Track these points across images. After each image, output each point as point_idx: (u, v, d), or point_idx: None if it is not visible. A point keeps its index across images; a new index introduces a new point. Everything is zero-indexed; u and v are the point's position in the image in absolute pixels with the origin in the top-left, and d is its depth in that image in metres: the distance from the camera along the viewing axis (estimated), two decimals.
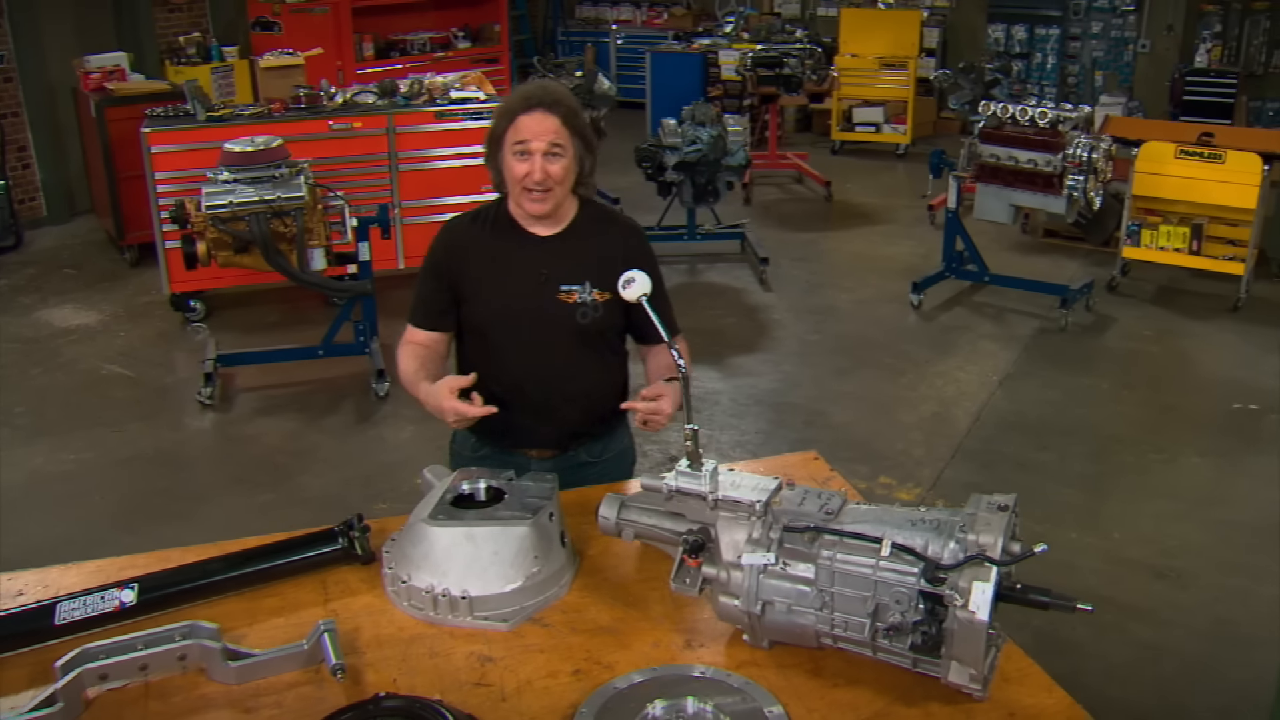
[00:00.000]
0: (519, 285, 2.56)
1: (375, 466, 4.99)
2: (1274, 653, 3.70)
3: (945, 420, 5.57)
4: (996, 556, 1.71)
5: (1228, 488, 4.85)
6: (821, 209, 9.67)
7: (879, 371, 6.13)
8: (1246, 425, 5.49)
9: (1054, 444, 5.28)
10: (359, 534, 2.18)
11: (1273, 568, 4.20)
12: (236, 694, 1.83)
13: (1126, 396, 5.91)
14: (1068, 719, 1.79)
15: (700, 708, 1.76)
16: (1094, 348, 6.58)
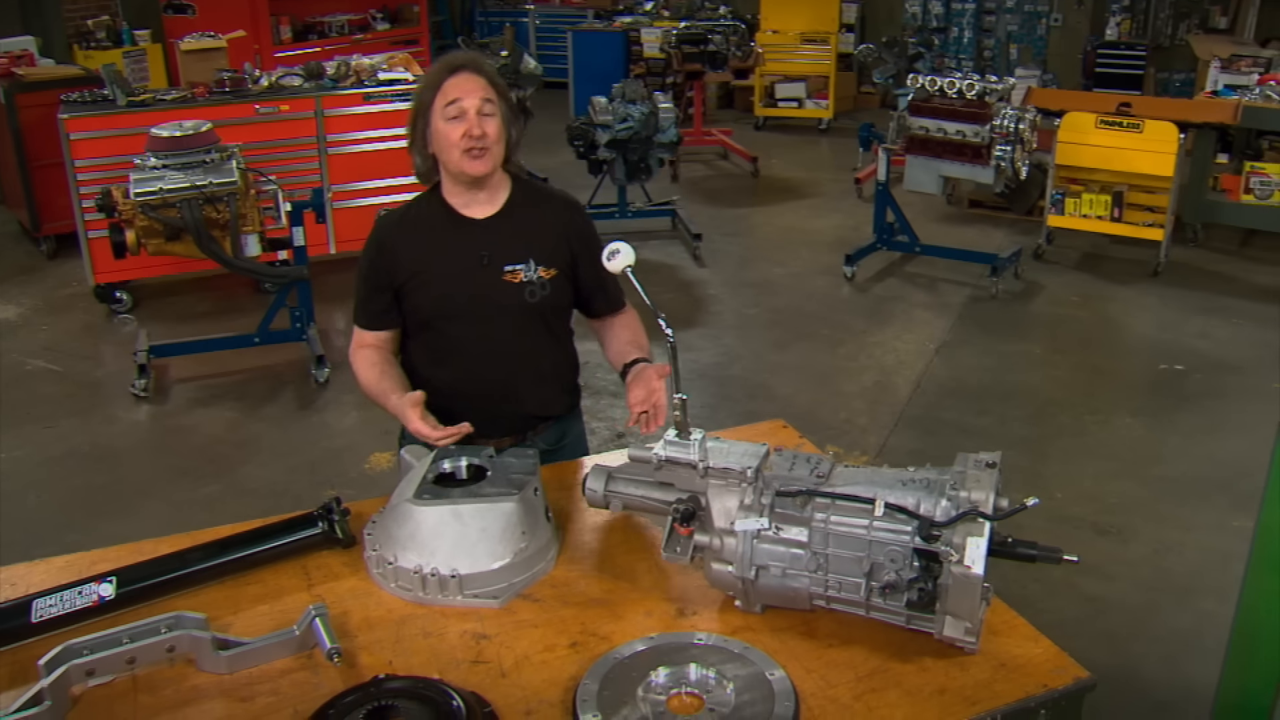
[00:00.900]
0: (459, 271, 2.49)
1: (320, 453, 4.91)
2: (1211, 600, 3.85)
3: (886, 389, 5.66)
4: (989, 512, 1.74)
5: (1160, 445, 5.01)
6: (749, 184, 9.74)
7: (818, 343, 6.20)
8: (1174, 385, 5.67)
9: (993, 409, 5.40)
10: (339, 517, 2.15)
11: (1206, 519, 4.36)
12: (229, 683, 1.80)
13: (1059, 360, 6.06)
14: (1055, 666, 1.84)
15: (703, 674, 1.77)
16: (1024, 314, 6.73)
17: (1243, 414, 5.26)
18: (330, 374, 5.58)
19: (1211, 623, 3.72)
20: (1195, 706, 3.28)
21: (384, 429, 5.09)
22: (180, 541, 2.17)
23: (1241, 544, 4.17)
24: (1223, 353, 5.99)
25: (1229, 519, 4.34)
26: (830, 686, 1.78)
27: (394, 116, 6.76)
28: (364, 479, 4.60)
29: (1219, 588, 3.92)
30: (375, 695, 1.66)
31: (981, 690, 1.77)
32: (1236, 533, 4.24)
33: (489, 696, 1.73)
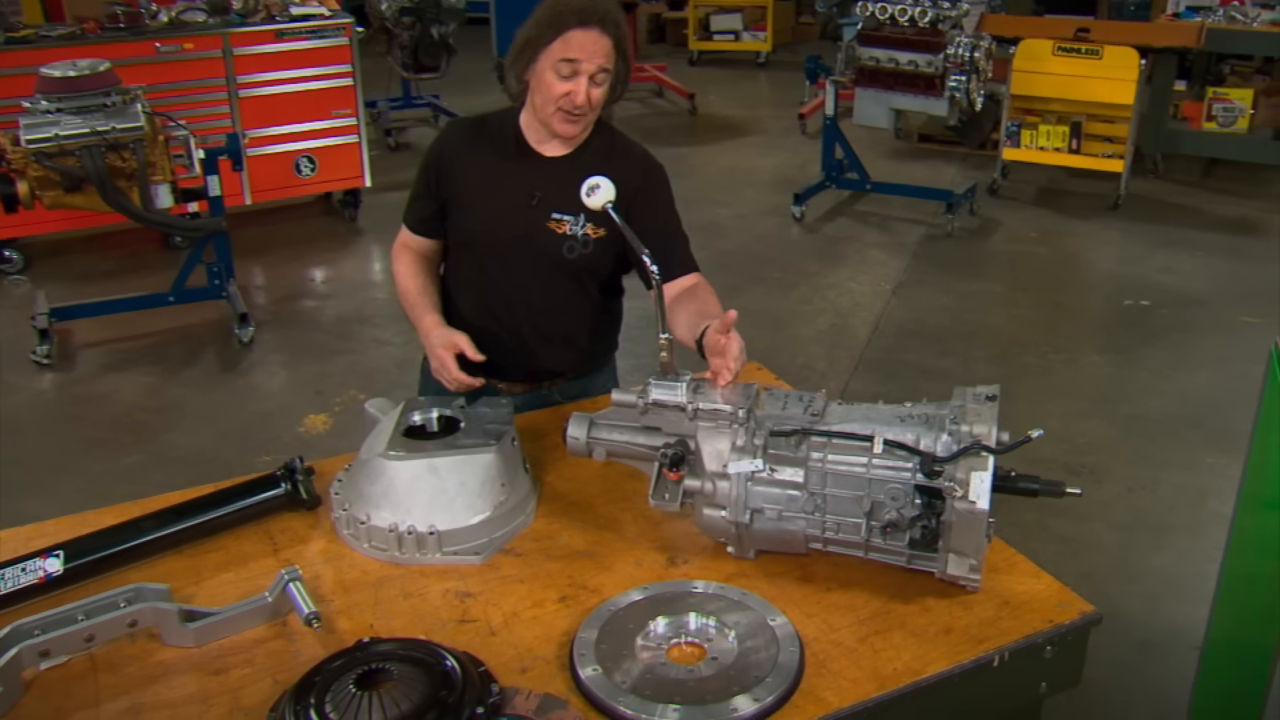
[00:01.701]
0: (508, 205, 2.48)
1: (250, 418, 4.86)
2: (1187, 538, 4.00)
3: (844, 331, 5.75)
4: (992, 445, 1.80)
5: (1128, 383, 5.16)
6: (686, 122, 9.74)
7: (770, 286, 6.26)
8: (1139, 321, 5.83)
9: (955, 349, 5.51)
10: (302, 477, 2.14)
11: (1177, 456, 4.52)
12: (198, 657, 1.79)
13: (1020, 299, 6.20)
14: (1059, 602, 1.91)
15: (703, 623, 1.81)
16: (982, 251, 6.86)
17: (1210, 348, 5.44)
18: (255, 333, 5.51)
19: (1189, 560, 3.88)
20: (1179, 644, 3.42)
21: (316, 389, 5.06)
22: (128, 511, 2.14)
23: (1215, 480, 4.35)
24: (1187, 286, 6.18)
25: (1201, 455, 4.50)
26: (833, 630, 1.83)
27: (310, 56, 6.64)
28: (299, 443, 4.57)
29: (1194, 525, 4.08)
30: (363, 659, 1.67)
31: (987, 628, 1.84)
32: (1209, 469, 4.40)
33: (480, 656, 1.75)
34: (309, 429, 4.75)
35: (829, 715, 1.65)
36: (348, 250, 6.96)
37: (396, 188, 7.62)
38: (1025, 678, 1.86)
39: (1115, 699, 3.23)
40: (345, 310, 5.98)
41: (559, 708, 1.64)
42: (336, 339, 5.62)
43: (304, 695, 1.61)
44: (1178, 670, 3.32)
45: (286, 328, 5.78)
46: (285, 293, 6.26)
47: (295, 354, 5.47)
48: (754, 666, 1.70)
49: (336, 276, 6.54)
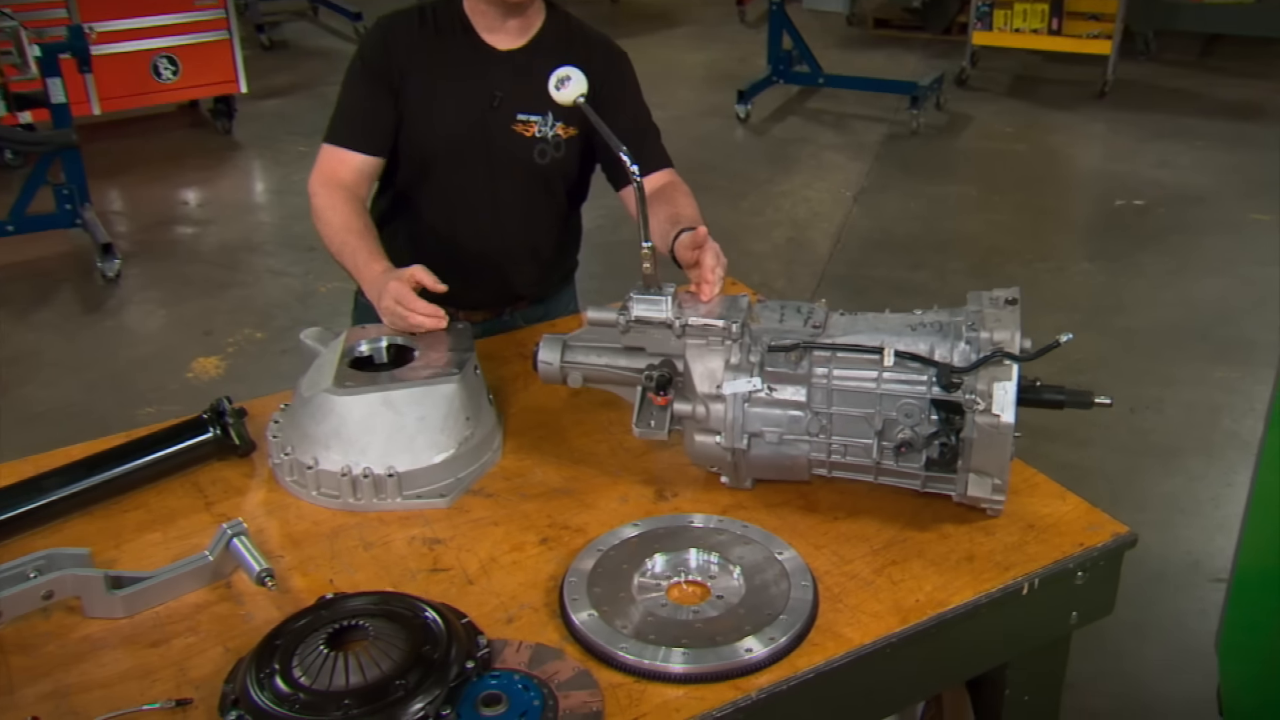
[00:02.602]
0: (466, 110, 2.50)
1: (125, 365, 4.83)
2: (1198, 460, 4.20)
3: (803, 246, 5.86)
4: (1016, 352, 1.89)
5: (1124, 292, 5.35)
6: (608, 13, 9.74)
7: (716, 196, 6.33)
8: (1133, 223, 6.02)
9: (929, 261, 5.65)
10: (233, 419, 2.17)
11: (1184, 372, 4.71)
12: (130, 629, 1.81)
13: (999, 203, 6.35)
14: (1089, 523, 2.03)
15: (705, 559, 1.89)
16: (953, 151, 7.01)
17: (1215, 250, 5.65)
18: (121, 267, 5.45)
19: (1202, 485, 4.07)
20: (1196, 576, 3.61)
21: (204, 329, 5.04)
22: (19, 469, 2.15)
23: (1227, 396, 4.55)
24: (1186, 182, 6.38)
25: (1210, 370, 4.70)
26: (845, 563, 1.93)
27: None
28: (188, 391, 4.56)
29: (1206, 446, 4.28)
30: (331, 617, 1.72)
31: (1013, 554, 1.95)
32: (1220, 384, 4.60)
33: (459, 607, 1.81)
34: (199, 374, 4.74)
35: (851, 652, 1.75)
36: (225, 168, 6.88)
37: (277, 93, 7.55)
38: (1055, 607, 1.98)
39: (1129, 637, 3.40)
40: (229, 237, 5.94)
41: (555, 658, 1.71)
42: (222, 270, 5.59)
43: (267, 660, 1.65)
44: (1197, 604, 3.51)
45: (160, 259, 5.73)
46: (153, 219, 6.19)
47: (174, 289, 5.43)
48: (765, 604, 1.79)
49: (214, 198, 6.47)
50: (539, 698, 1.63)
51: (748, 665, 1.69)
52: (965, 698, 2.13)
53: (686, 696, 1.65)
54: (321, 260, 5.39)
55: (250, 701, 1.58)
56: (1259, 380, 4.68)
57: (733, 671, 1.68)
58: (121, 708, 1.63)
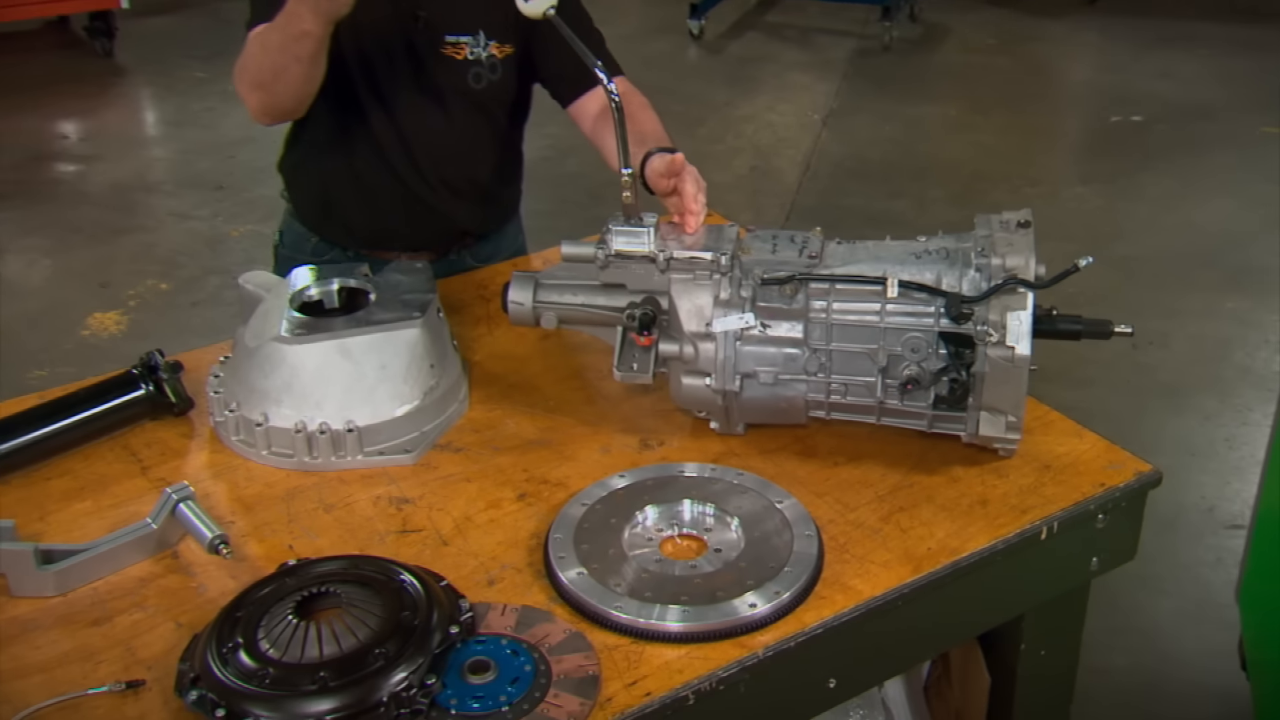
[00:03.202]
0: (385, 28, 2.49)
1: (9, 323, 4.78)
2: (1212, 399, 4.32)
3: (769, 175, 5.92)
4: (1030, 279, 1.96)
5: (1124, 217, 5.45)
6: None
7: (671, 122, 6.22)
8: (1131, 141, 6.12)
9: (907, 189, 5.73)
10: (167, 374, 2.20)
11: (1191, 303, 4.82)
12: (64, 607, 1.82)
13: (981, 123, 6.43)
14: (1109, 462, 2.11)
15: (699, 511, 1.95)
16: (930, 67, 7.08)
17: (1221, 169, 5.76)
18: None
19: (1214, 425, 4.19)
20: (1211, 523, 3.73)
21: (100, 280, 5.02)
22: None
23: (1239, 328, 4.67)
24: (1189, 94, 6.48)
25: (1220, 300, 4.82)
26: (850, 510, 2.00)
27: None
28: (86, 350, 4.55)
29: (1217, 382, 4.40)
30: (297, 584, 1.76)
31: (1030, 496, 2.02)
32: (1231, 315, 4.72)
33: (435, 570, 1.86)
34: (97, 331, 4.73)
35: (860, 605, 1.81)
36: (108, 96, 6.79)
37: (165, 10, 7.45)
38: (1075, 553, 2.06)
39: (1142, 590, 3.52)
40: (120, 176, 5.89)
41: (544, 620, 1.77)
42: (116, 214, 5.54)
43: (229, 633, 1.68)
44: (1212, 553, 3.63)
45: (39, 202, 5.66)
46: (25, 154, 6.10)
47: (60, 236, 5.39)
48: (767, 556, 1.85)
49: (97, 131, 6.39)
50: (530, 663, 1.69)
51: (752, 622, 1.75)
52: (978, 653, 2.22)
53: (688, 656, 1.71)
54: (232, 202, 5.40)
55: (213, 679, 1.61)
56: (1272, 310, 4.81)
57: (736, 629, 1.74)
58: (64, 693, 1.65)
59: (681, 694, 1.66)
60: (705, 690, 1.68)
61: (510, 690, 1.64)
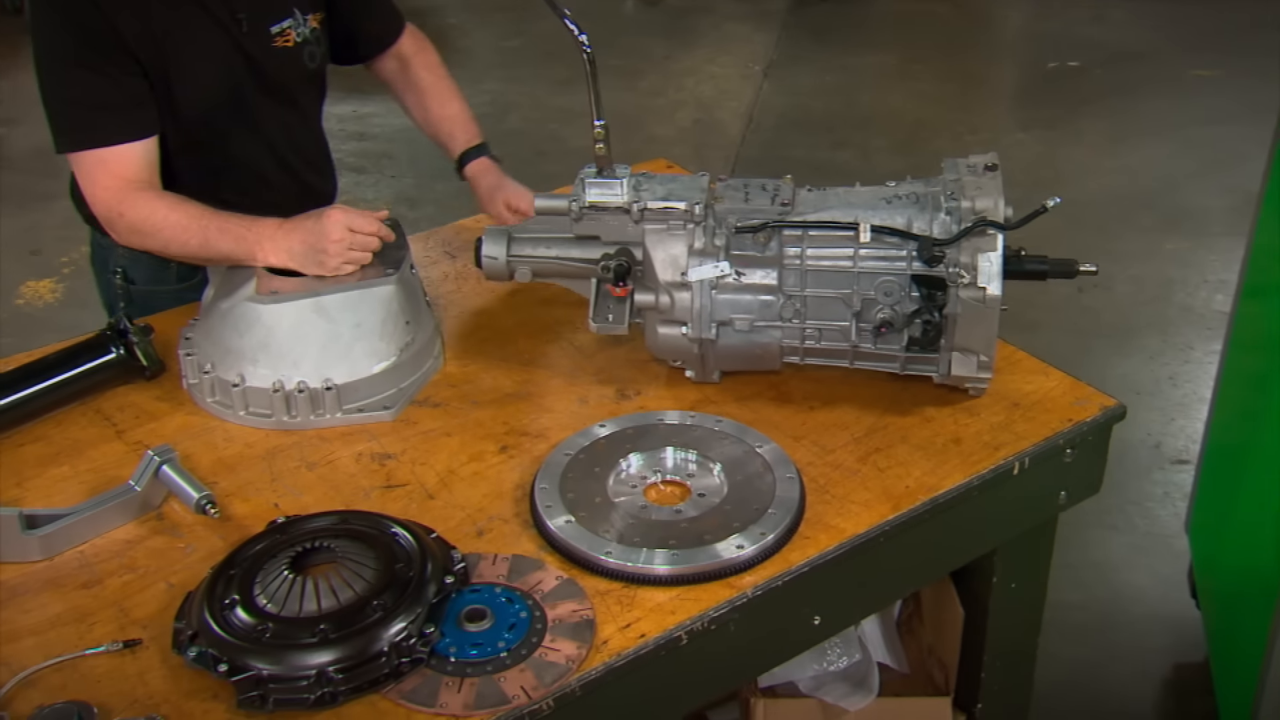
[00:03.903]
0: (214, 44, 2.33)
1: None
2: (1150, 337, 4.41)
3: (712, 128, 5.93)
4: (1000, 221, 2.00)
5: (1063, 162, 5.52)
6: None
7: (610, 77, 6.32)
8: (1068, 87, 6.20)
9: (851, 139, 5.77)
10: (138, 337, 2.19)
11: (1131, 245, 4.91)
12: (51, 571, 1.83)
13: (921, 72, 6.48)
14: (1076, 398, 2.16)
15: (682, 457, 1.98)
16: (867, 15, 7.11)
17: (1157, 112, 5.85)
18: None
19: (1158, 364, 4.28)
20: (1158, 458, 3.82)
21: (30, 248, 4.95)
22: None
23: (1179, 269, 4.76)
24: (1123, 39, 6.56)
25: (1159, 242, 4.90)
26: (827, 453, 2.04)
27: None
28: (22, 320, 4.49)
29: (1159, 322, 4.49)
30: (289, 540, 1.78)
31: (1001, 434, 2.07)
32: (1170, 256, 4.81)
33: (424, 523, 1.88)
34: (32, 300, 4.68)
35: (844, 543, 1.85)
36: (20, 56, 6.60)
37: None
38: (1045, 487, 2.11)
39: (1095, 526, 3.59)
40: (42, 140, 5.75)
41: (535, 568, 1.79)
42: (42, 179, 5.42)
43: (224, 590, 1.70)
44: (1160, 488, 3.72)
45: None
46: None
47: None
48: (751, 499, 1.89)
49: (14, 93, 6.23)
50: (525, 610, 1.72)
51: (739, 563, 1.78)
52: (951, 589, 2.27)
53: (679, 598, 1.74)
54: None
55: (213, 635, 1.63)
56: (1211, 250, 4.90)
57: (725, 570, 1.78)
58: (60, 654, 1.67)
59: (675, 634, 1.70)
60: (697, 630, 1.71)
61: (508, 637, 1.68)
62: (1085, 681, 3.14)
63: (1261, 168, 2.95)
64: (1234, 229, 4.92)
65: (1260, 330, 2.96)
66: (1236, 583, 2.93)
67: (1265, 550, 2.68)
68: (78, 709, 1.53)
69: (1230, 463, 3.08)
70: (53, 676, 1.63)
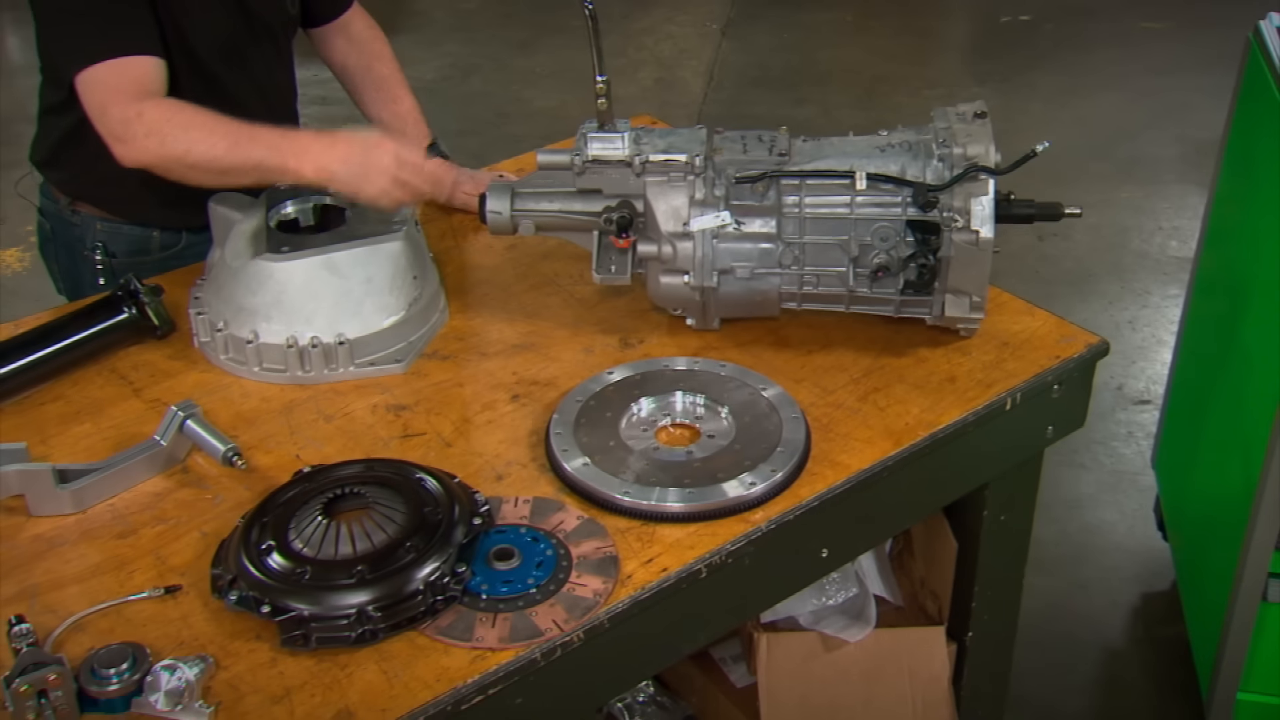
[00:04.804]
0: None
1: None
2: (1109, 283, 4.50)
3: (673, 86, 5.97)
4: (991, 166, 2.06)
5: (1018, 114, 5.60)
6: None
7: (569, 38, 6.38)
8: (1021, 40, 6.28)
9: (811, 95, 5.83)
10: (149, 298, 2.22)
11: (1086, 194, 4.98)
12: (85, 524, 1.86)
13: (877, 27, 6.54)
14: (1060, 336, 2.23)
15: (691, 401, 2.04)
16: None
17: (1108, 65, 5.94)
18: None
19: (1117, 309, 4.37)
20: (1121, 400, 3.91)
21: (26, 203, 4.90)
22: None
23: (1134, 216, 4.86)
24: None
25: (1114, 190, 5.00)
26: (828, 393, 2.10)
27: None
28: None
29: (1117, 268, 4.58)
30: (319, 487, 1.82)
31: (993, 371, 2.14)
32: (1126, 204, 4.90)
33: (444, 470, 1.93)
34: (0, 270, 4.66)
35: (851, 478, 1.92)
36: None
37: None
38: (1034, 422, 2.19)
39: (1064, 466, 3.69)
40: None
41: (556, 509, 1.85)
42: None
43: (260, 536, 1.74)
44: (1124, 428, 3.81)
45: None
46: None
47: None
48: (759, 439, 1.95)
49: None
50: (550, 548, 1.77)
51: (752, 499, 1.85)
52: (944, 523, 2.34)
53: (696, 534, 1.81)
54: None
55: (252, 578, 1.67)
56: (1164, 198, 5.01)
57: (739, 506, 1.84)
58: (104, 600, 1.71)
59: (695, 568, 1.76)
60: (715, 564, 1.78)
61: (536, 574, 1.73)
62: (1060, 611, 3.24)
63: (1210, 118, 3.03)
64: (1185, 177, 5.05)
65: (1221, 275, 3.05)
66: (1205, 512, 3.03)
67: (1232, 480, 2.78)
68: (132, 650, 1.57)
69: (1195, 400, 3.17)
70: (100, 621, 1.68)
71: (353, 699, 1.56)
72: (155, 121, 2.13)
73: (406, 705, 1.55)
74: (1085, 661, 3.16)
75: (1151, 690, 3.08)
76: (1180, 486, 3.26)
